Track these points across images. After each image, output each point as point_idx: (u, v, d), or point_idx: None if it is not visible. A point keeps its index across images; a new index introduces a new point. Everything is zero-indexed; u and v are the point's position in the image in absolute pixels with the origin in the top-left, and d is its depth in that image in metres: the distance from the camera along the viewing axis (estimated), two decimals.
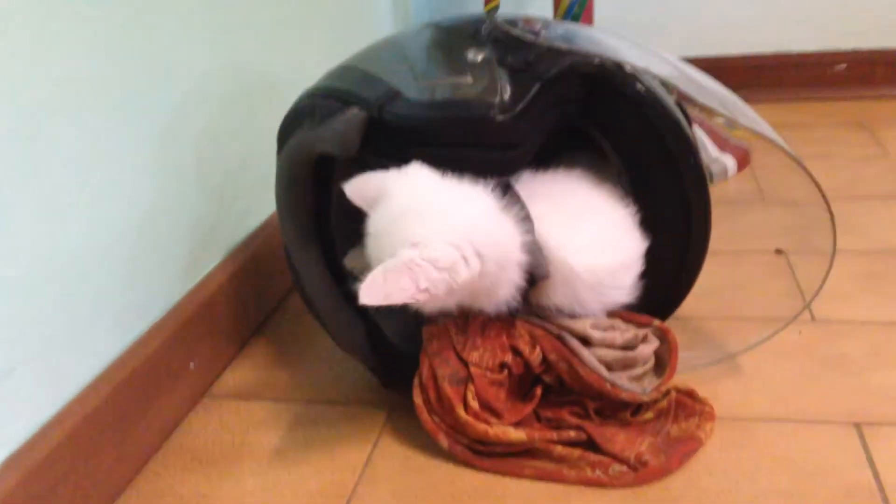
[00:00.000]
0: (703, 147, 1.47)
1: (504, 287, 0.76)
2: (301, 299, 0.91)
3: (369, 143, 0.77)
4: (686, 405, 0.81)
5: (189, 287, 0.95)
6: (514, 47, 0.81)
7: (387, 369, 0.90)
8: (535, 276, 0.77)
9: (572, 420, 0.80)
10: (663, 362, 0.83)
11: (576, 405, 0.81)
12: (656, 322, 0.85)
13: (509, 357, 0.80)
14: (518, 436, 0.77)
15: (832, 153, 1.55)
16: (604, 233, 0.83)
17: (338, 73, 0.84)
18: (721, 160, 1.47)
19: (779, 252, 1.17)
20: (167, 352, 0.87)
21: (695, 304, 0.92)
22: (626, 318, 0.85)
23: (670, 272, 0.88)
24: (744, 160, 1.49)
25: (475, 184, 0.75)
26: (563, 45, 0.81)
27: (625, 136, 0.84)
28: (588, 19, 1.63)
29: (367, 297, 0.66)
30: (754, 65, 1.91)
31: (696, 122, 1.50)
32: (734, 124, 1.36)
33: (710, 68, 0.96)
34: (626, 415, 0.80)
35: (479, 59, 0.80)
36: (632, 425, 0.80)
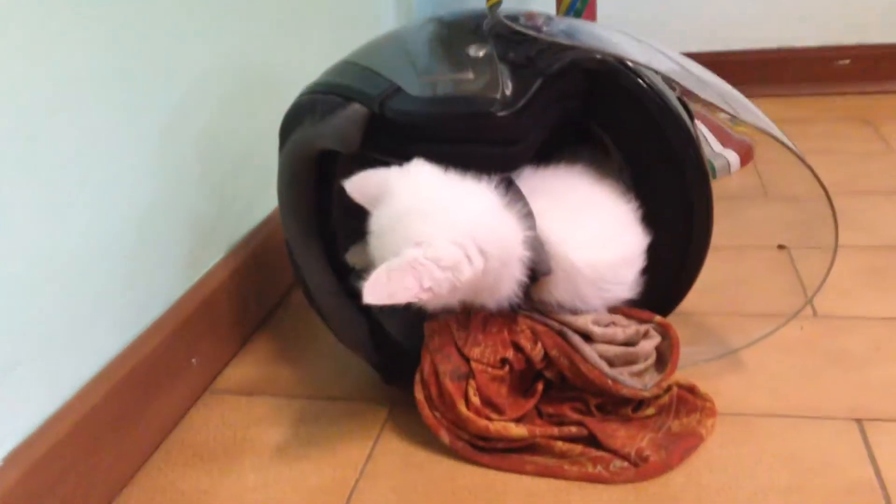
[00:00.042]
0: (705, 142, 1.47)
1: (506, 283, 0.76)
2: (303, 295, 0.91)
3: (371, 139, 0.77)
4: (687, 401, 0.81)
5: (190, 284, 0.95)
6: (516, 43, 0.80)
7: (388, 365, 0.90)
8: (536, 272, 0.77)
9: (573, 416, 0.80)
10: (665, 358, 0.83)
11: (577, 401, 0.81)
12: (658, 318, 0.85)
13: (511, 353, 0.79)
14: (519, 432, 0.77)
15: (835, 148, 1.54)
16: (605, 228, 0.83)
17: (339, 68, 0.84)
18: (723, 155, 1.47)
19: (781, 247, 1.16)
20: (168, 348, 0.87)
21: (696, 300, 0.92)
22: (628, 314, 0.85)
23: (672, 268, 0.87)
24: (746, 155, 1.49)
25: (478, 180, 0.75)
26: (565, 41, 0.80)
27: (626, 132, 0.84)
28: (591, 15, 1.63)
29: (370, 296, 0.66)
30: (757, 60, 1.90)
31: (698, 118, 1.50)
32: (736, 120, 1.35)
33: (713, 64, 0.96)
34: (627, 411, 0.80)
35: (480, 54, 0.80)
36: (633, 421, 0.80)
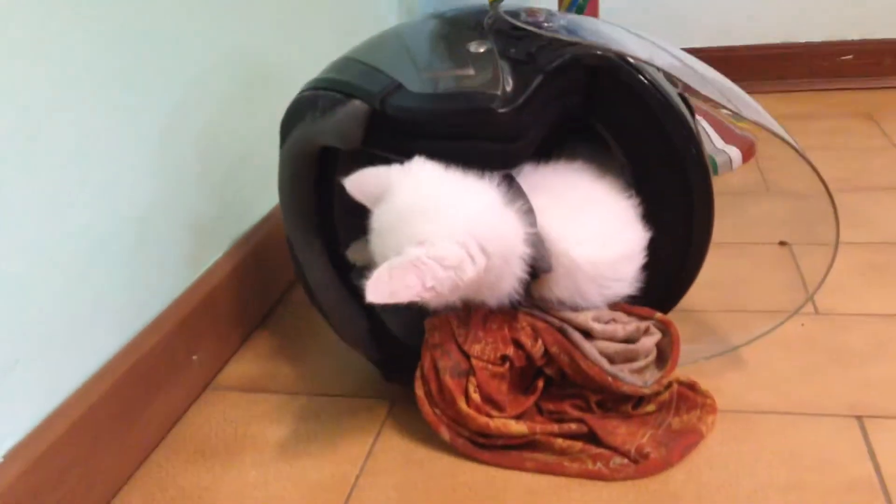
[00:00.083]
0: (707, 138, 1.47)
1: (507, 280, 0.76)
2: (304, 292, 0.91)
3: (371, 135, 0.77)
4: (688, 398, 0.81)
5: (191, 280, 0.95)
6: (517, 39, 0.80)
7: (389, 362, 0.90)
8: (537, 269, 0.77)
9: (574, 413, 0.80)
10: (665, 355, 0.82)
11: (577, 398, 0.81)
12: (658, 314, 0.85)
13: (511, 350, 0.80)
14: (519, 428, 0.77)
15: (838, 144, 1.54)
16: (605, 225, 0.83)
17: (340, 65, 0.84)
18: (726, 151, 1.46)
19: (783, 244, 1.16)
20: (170, 345, 0.87)
21: (697, 297, 0.92)
22: (628, 311, 0.85)
23: (673, 264, 0.87)
24: (749, 151, 1.49)
25: (479, 178, 0.75)
26: (566, 37, 0.80)
27: (627, 128, 0.84)
28: (593, 11, 1.62)
29: (373, 294, 0.66)
30: (761, 55, 1.90)
31: (700, 114, 1.49)
32: (738, 116, 1.35)
33: (716, 59, 0.96)
34: (627, 407, 0.80)
35: (481, 50, 0.79)
36: (633, 418, 0.80)
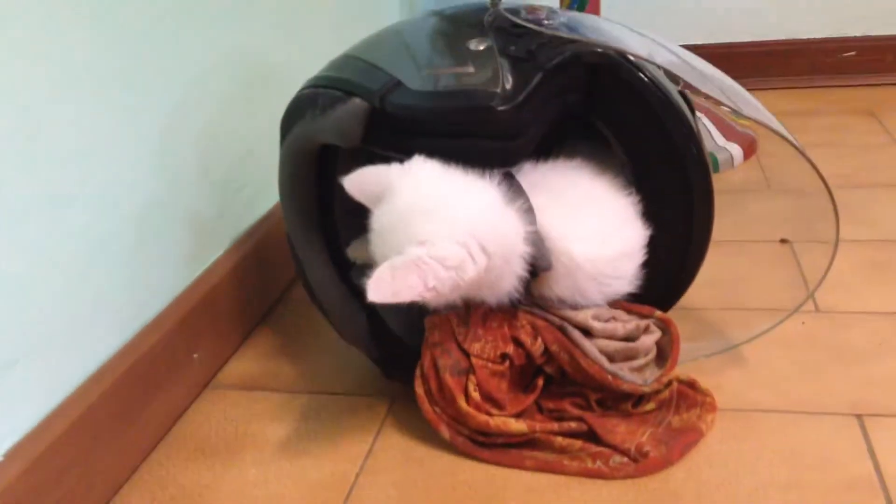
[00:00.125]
0: (708, 135, 1.47)
1: (507, 279, 0.76)
2: (304, 290, 0.91)
3: (371, 133, 0.77)
4: (687, 396, 0.81)
5: (192, 278, 0.95)
6: (517, 36, 0.80)
7: (389, 360, 0.90)
8: (537, 267, 0.77)
9: (573, 411, 0.80)
10: (665, 353, 0.82)
11: (577, 396, 0.81)
12: (658, 313, 0.85)
13: (511, 348, 0.80)
14: (519, 427, 0.77)
15: (839, 141, 1.54)
16: (605, 222, 0.83)
17: (340, 62, 0.84)
18: (727, 149, 1.46)
19: (784, 241, 1.16)
20: (170, 343, 0.87)
21: (697, 295, 0.92)
22: (628, 309, 0.85)
23: (673, 262, 0.87)
24: (750, 149, 1.49)
25: (479, 176, 0.75)
26: (566, 34, 0.80)
27: (627, 126, 0.84)
28: (595, 8, 1.62)
29: (374, 293, 0.66)
30: (762, 52, 1.89)
31: (702, 111, 1.49)
32: (738, 113, 1.35)
33: (718, 56, 0.96)
34: (627, 406, 0.80)
35: (481, 48, 0.79)
36: (633, 416, 0.80)
